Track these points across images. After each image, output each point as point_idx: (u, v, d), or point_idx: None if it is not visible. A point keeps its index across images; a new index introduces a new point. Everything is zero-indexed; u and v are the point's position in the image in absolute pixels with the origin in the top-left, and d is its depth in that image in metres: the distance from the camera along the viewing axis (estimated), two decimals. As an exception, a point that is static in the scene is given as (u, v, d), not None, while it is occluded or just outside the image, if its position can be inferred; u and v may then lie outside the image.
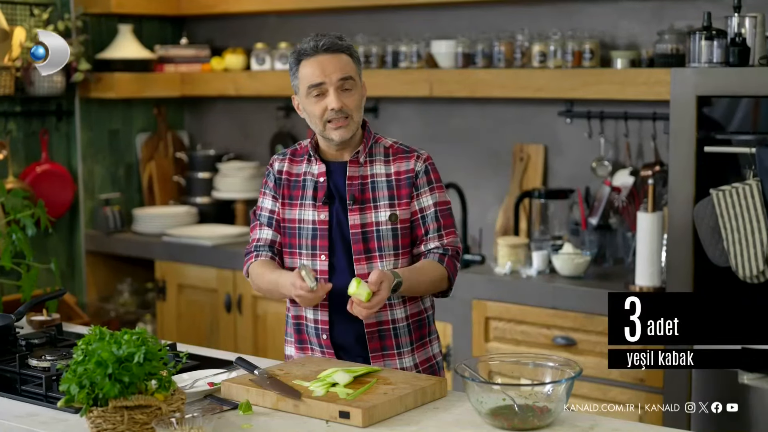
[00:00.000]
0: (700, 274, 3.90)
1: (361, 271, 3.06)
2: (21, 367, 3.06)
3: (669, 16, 4.59)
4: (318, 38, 3.04)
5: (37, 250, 4.96)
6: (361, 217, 3.08)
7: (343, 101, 3.02)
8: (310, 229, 3.11)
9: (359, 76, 3.09)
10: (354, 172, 3.10)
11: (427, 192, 3.10)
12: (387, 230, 3.07)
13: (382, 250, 3.07)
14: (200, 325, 5.48)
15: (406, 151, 3.14)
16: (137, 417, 2.46)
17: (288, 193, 3.17)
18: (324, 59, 3.02)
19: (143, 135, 6.11)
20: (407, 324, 3.12)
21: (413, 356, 3.14)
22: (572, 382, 2.60)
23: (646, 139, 4.73)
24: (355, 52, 3.10)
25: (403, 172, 3.10)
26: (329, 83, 3.01)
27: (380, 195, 3.09)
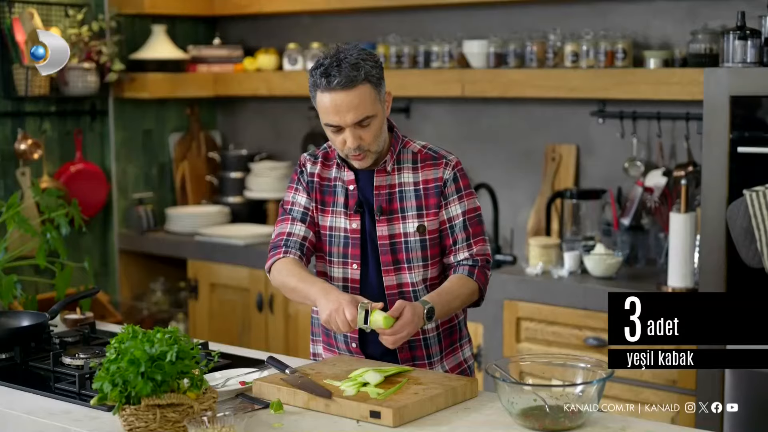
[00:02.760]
0: (733, 275, 3.88)
1: (390, 282, 3.02)
2: (55, 365, 3.08)
3: (702, 16, 4.56)
4: (333, 70, 2.86)
5: (71, 248, 5.00)
6: (389, 228, 3.02)
7: (360, 136, 2.91)
8: (342, 237, 3.06)
9: (380, 99, 2.94)
10: (381, 181, 3.03)
11: (455, 200, 3.02)
12: (415, 241, 3.01)
13: (411, 261, 3.02)
14: (232, 324, 5.49)
15: (434, 157, 3.05)
16: (169, 415, 2.47)
17: (321, 198, 3.10)
18: (338, 98, 2.87)
19: (176, 135, 6.13)
20: (437, 333, 3.09)
21: (443, 363, 3.11)
22: (604, 384, 2.59)
23: (679, 139, 4.70)
24: (374, 73, 2.91)
25: (431, 181, 3.02)
26: (344, 124, 2.90)
27: (408, 205, 3.02)
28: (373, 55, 2.96)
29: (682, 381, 4.06)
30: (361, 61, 2.88)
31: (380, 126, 2.96)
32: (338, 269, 3.08)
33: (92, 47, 5.51)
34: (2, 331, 3.29)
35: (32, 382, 3.00)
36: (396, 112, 5.51)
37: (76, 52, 5.45)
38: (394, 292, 3.02)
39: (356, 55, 2.89)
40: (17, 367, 3.17)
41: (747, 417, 3.87)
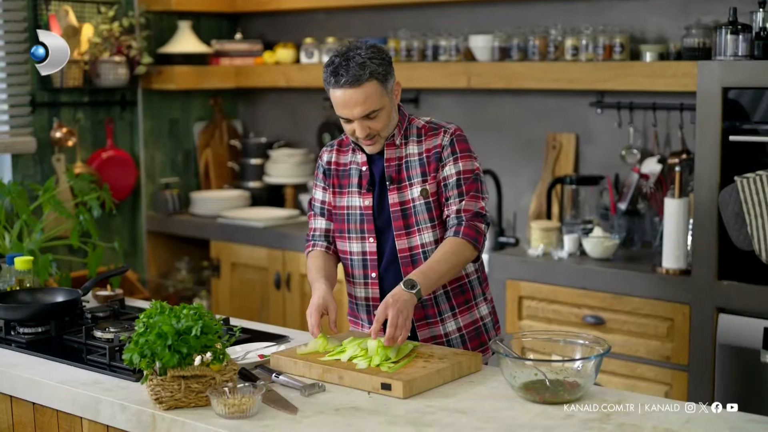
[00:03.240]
0: (724, 257, 3.86)
1: (402, 246, 3.05)
2: (87, 338, 3.09)
3: (696, 11, 4.54)
4: (341, 69, 2.92)
5: (102, 230, 5.00)
6: (399, 195, 3.06)
7: (368, 126, 2.98)
8: (358, 215, 3.11)
9: (386, 92, 2.98)
10: (391, 154, 3.08)
11: (450, 162, 3.04)
12: (421, 205, 3.05)
13: (419, 224, 3.05)
14: (252, 301, 5.49)
15: (435, 128, 3.10)
16: (193, 386, 2.48)
17: (338, 182, 3.17)
18: (347, 94, 2.93)
19: (200, 124, 6.12)
20: (446, 291, 3.09)
21: (456, 320, 3.11)
22: (601, 359, 2.58)
23: (673, 128, 4.67)
24: (380, 71, 2.94)
25: (432, 149, 3.06)
26: (353, 117, 2.96)
27: (414, 173, 3.06)
28: (381, 52, 2.99)
29: (675, 357, 4.05)
30: (367, 60, 2.93)
31: (388, 116, 3.02)
32: (357, 244, 3.12)
33: (123, 42, 5.51)
34: (39, 307, 3.30)
35: (66, 354, 3.00)
36: (406, 102, 5.49)
37: (107, 47, 5.44)
38: (406, 255, 3.06)
39: (364, 54, 2.94)
40: (52, 340, 3.19)
41: (737, 391, 3.86)
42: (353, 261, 3.14)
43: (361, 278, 3.14)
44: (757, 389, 3.81)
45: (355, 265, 3.14)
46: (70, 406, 2.72)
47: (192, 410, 2.48)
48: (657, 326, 4.09)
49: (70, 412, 2.72)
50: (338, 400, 2.57)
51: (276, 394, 2.58)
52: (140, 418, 2.53)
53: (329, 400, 2.58)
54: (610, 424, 2.37)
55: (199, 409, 2.49)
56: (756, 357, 3.77)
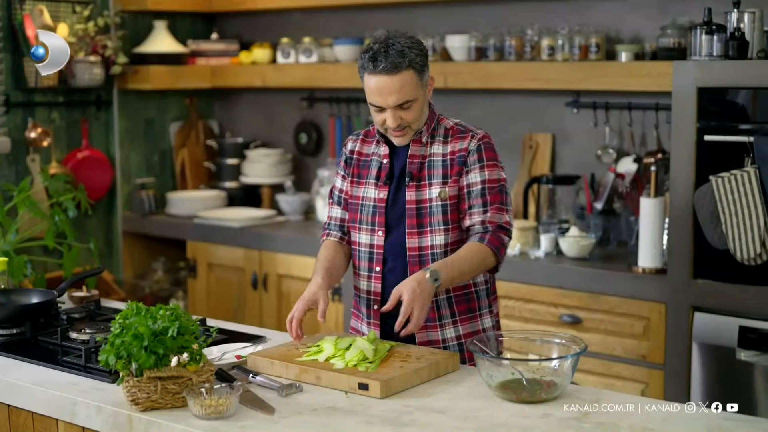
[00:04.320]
0: (700, 256, 3.88)
1: (412, 244, 3.02)
2: (62, 339, 3.06)
3: (671, 12, 4.56)
4: (380, 55, 2.90)
5: (77, 230, 4.97)
6: (417, 193, 3.03)
7: (401, 117, 2.95)
8: (371, 206, 3.08)
9: (422, 84, 2.96)
10: (416, 151, 3.05)
11: (476, 169, 3.01)
12: (437, 206, 3.01)
13: (432, 225, 3.01)
14: (228, 301, 5.47)
15: (462, 131, 3.06)
16: (170, 387, 2.47)
17: (357, 172, 3.15)
18: (383, 81, 2.90)
19: (176, 124, 6.10)
20: (448, 297, 3.04)
21: (456, 327, 3.05)
22: (578, 358, 2.58)
23: (648, 128, 4.69)
24: (418, 60, 2.93)
25: (457, 151, 3.03)
26: (386, 106, 2.94)
27: (435, 173, 3.03)
28: (420, 44, 2.98)
29: (652, 356, 4.06)
30: (407, 49, 2.91)
31: (421, 108, 2.99)
32: (365, 236, 3.09)
33: (98, 42, 5.48)
34: (14, 308, 3.28)
35: (41, 356, 2.98)
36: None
37: (82, 47, 5.42)
38: (415, 254, 3.02)
39: (404, 42, 2.92)
40: (27, 341, 3.16)
41: (713, 389, 3.88)
42: (361, 253, 3.11)
43: (365, 271, 3.10)
44: (732, 387, 3.83)
45: (362, 257, 3.11)
46: (45, 408, 2.70)
47: (169, 411, 2.47)
48: (633, 325, 4.10)
49: (46, 414, 2.71)
50: (315, 400, 2.56)
51: (253, 395, 2.58)
52: (116, 419, 2.52)
53: (306, 400, 2.57)
54: (588, 423, 2.38)
55: (176, 411, 2.48)
56: (731, 355, 3.78)
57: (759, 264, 3.70)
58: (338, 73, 5.45)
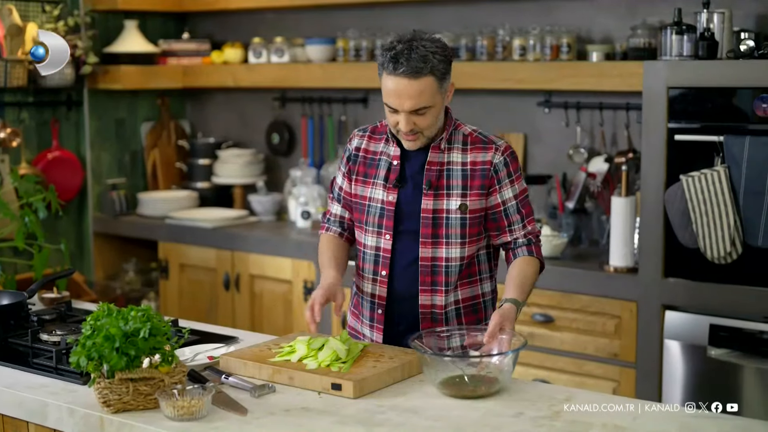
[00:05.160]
0: (671, 255, 3.90)
1: (425, 254, 2.95)
2: (33, 341, 3.04)
3: (642, 12, 4.58)
4: (402, 58, 2.79)
5: (48, 231, 4.95)
6: (434, 202, 2.94)
7: (414, 122, 2.87)
8: (378, 208, 3.00)
9: (441, 91, 2.86)
10: (434, 157, 2.96)
11: (507, 185, 2.96)
12: (456, 219, 2.93)
13: (449, 237, 2.94)
14: (200, 302, 5.46)
15: (484, 141, 2.98)
16: (141, 389, 2.46)
17: (363, 170, 3.05)
18: (401, 84, 2.80)
19: (147, 124, 6.08)
20: (457, 308, 3.00)
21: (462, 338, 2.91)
22: (518, 353, 2.62)
23: (619, 128, 4.71)
24: (440, 67, 2.82)
25: (479, 163, 2.95)
26: (401, 109, 2.84)
27: (454, 183, 2.95)
28: (445, 48, 2.88)
29: (623, 354, 4.08)
30: (430, 54, 2.81)
31: (437, 115, 2.90)
32: (372, 238, 3.02)
33: (68, 41, 5.42)
34: (-18, 310, 3.25)
35: (12, 358, 2.96)
36: (354, 102, 5.49)
37: (51, 46, 5.38)
38: (427, 264, 2.96)
39: (428, 47, 2.82)
40: (-3, 343, 3.14)
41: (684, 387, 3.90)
42: (366, 255, 3.04)
43: (370, 273, 3.03)
44: (704, 385, 3.85)
45: (367, 259, 3.04)
46: (16, 411, 2.68)
47: (141, 413, 2.46)
48: (605, 323, 4.12)
49: (17, 416, 2.69)
50: (288, 400, 2.56)
51: (226, 396, 2.57)
52: (88, 421, 2.50)
53: (279, 400, 2.57)
54: (560, 422, 2.39)
55: (148, 412, 2.47)
56: (702, 353, 3.81)
57: (729, 262, 3.73)
58: (310, 73, 5.44)
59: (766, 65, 3.69)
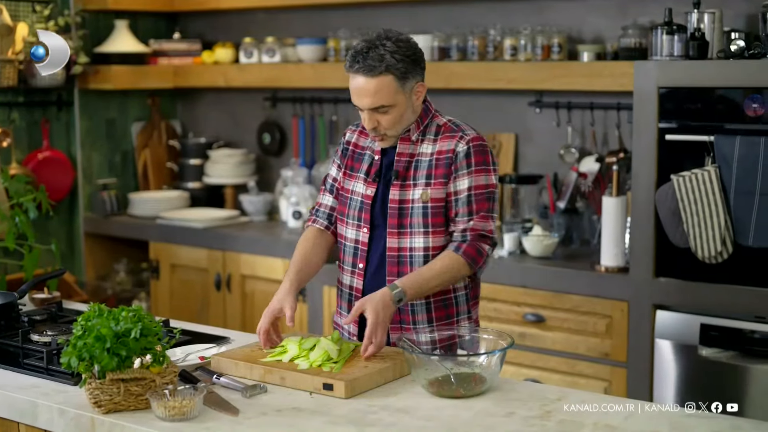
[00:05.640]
0: (662, 254, 3.91)
1: (392, 245, 2.98)
2: (23, 341, 3.03)
3: (632, 12, 4.59)
4: (359, 56, 2.85)
5: (38, 232, 4.93)
6: (400, 193, 2.97)
7: (377, 120, 2.91)
8: (359, 202, 3.03)
9: (403, 90, 2.88)
10: (404, 149, 2.98)
11: (464, 175, 2.93)
12: (419, 208, 2.95)
13: (413, 227, 2.96)
14: (192, 302, 5.45)
15: (453, 130, 2.99)
16: (133, 389, 2.45)
17: (351, 164, 3.10)
18: (360, 83, 2.86)
19: (138, 124, 6.07)
20: (426, 303, 2.98)
21: (432, 334, 2.91)
22: (505, 353, 2.61)
23: (610, 127, 4.72)
24: (399, 66, 2.85)
25: (444, 152, 2.96)
26: (361, 107, 2.90)
27: (420, 174, 2.97)
28: (410, 49, 2.89)
29: (614, 354, 4.09)
30: (388, 54, 2.84)
31: (399, 115, 2.92)
32: (352, 231, 3.05)
33: (58, 41, 5.43)
34: (-27, 310, 3.24)
35: (2, 358, 2.95)
36: (345, 102, 5.49)
37: (42, 46, 5.37)
38: (394, 255, 2.98)
39: (389, 46, 2.85)
40: (-13, 344, 3.13)
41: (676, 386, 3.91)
42: (346, 247, 3.07)
43: (349, 266, 3.06)
44: (694, 384, 3.86)
45: (347, 251, 3.07)
46: (6, 411, 2.68)
47: (132, 413, 2.46)
48: (596, 323, 4.13)
49: (7, 417, 2.68)
50: (280, 401, 2.56)
51: (217, 396, 2.57)
52: (79, 422, 2.50)
53: (271, 401, 2.56)
54: (551, 421, 2.39)
55: (139, 413, 2.46)
56: (693, 352, 3.82)
57: (720, 262, 3.74)
58: (301, 73, 5.44)
59: (756, 65, 3.70)
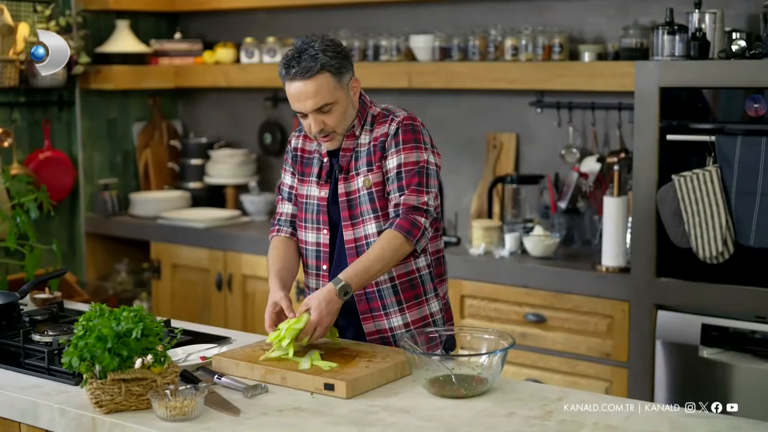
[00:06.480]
0: (663, 255, 3.91)
1: (349, 237, 3.01)
2: (25, 341, 3.04)
3: (633, 12, 4.59)
4: (293, 62, 2.89)
5: (39, 232, 4.94)
6: (346, 185, 3.01)
7: (323, 121, 2.93)
8: (315, 205, 3.06)
9: (341, 86, 2.93)
10: (348, 144, 3.01)
11: (393, 154, 2.97)
12: (364, 195, 2.99)
13: (363, 214, 3.00)
14: (193, 302, 5.45)
15: (385, 116, 3.02)
16: (134, 389, 2.45)
17: (301, 170, 3.13)
18: (298, 87, 2.89)
19: (139, 124, 6.07)
20: (393, 285, 3.01)
21: (404, 315, 3.00)
22: (506, 353, 2.61)
23: (612, 127, 4.72)
24: (333, 63, 2.90)
25: (378, 137, 3.00)
26: (305, 111, 2.92)
27: (361, 163, 3.00)
28: (338, 46, 2.95)
29: (615, 354, 4.09)
30: (320, 53, 2.89)
31: (343, 111, 2.96)
32: (311, 234, 3.08)
33: (59, 41, 5.44)
34: (-26, 311, 3.24)
35: (3, 358, 2.95)
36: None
37: (43, 46, 5.37)
38: (352, 246, 3.01)
39: (318, 47, 2.90)
40: (-12, 344, 3.13)
41: (676, 387, 3.91)
42: (308, 251, 3.11)
43: (313, 269, 3.11)
44: (695, 385, 3.86)
45: (309, 255, 3.11)
46: (8, 411, 2.68)
47: (133, 413, 2.46)
48: (597, 323, 4.13)
49: (9, 417, 2.68)
50: (281, 401, 2.56)
51: (218, 396, 2.57)
52: (80, 422, 2.50)
53: (272, 401, 2.56)
54: (552, 421, 2.39)
55: (140, 413, 2.46)
56: (694, 353, 3.82)
57: (721, 262, 3.74)
58: (302, 73, 5.43)
59: (757, 65, 3.70)
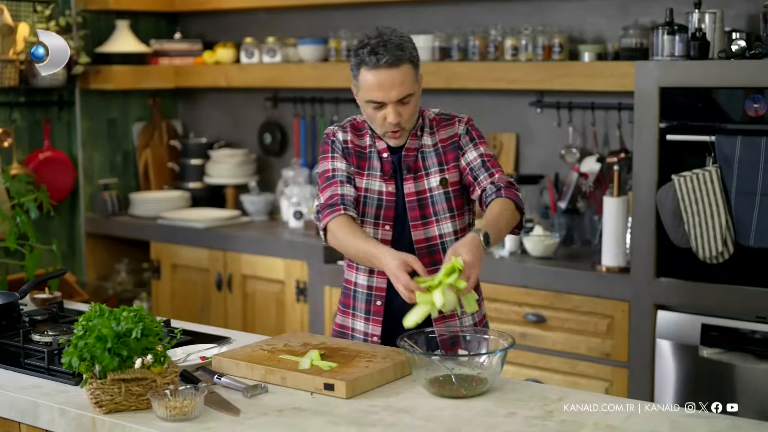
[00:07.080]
0: (663, 255, 3.91)
1: (418, 236, 2.99)
2: (25, 341, 3.03)
3: (633, 12, 4.59)
4: (380, 49, 2.86)
5: (39, 232, 4.93)
6: (415, 185, 3.01)
7: (400, 113, 2.91)
8: (376, 200, 3.02)
9: (417, 78, 2.94)
10: (411, 144, 3.01)
11: (471, 147, 3.02)
12: (440, 194, 3.00)
13: (437, 214, 3.00)
14: (193, 302, 5.45)
15: (447, 119, 3.07)
16: (134, 389, 2.45)
17: (356, 163, 3.06)
18: (385, 76, 2.86)
19: (139, 124, 6.07)
20: None
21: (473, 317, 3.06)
22: (506, 353, 2.61)
23: (611, 127, 4.72)
24: (415, 54, 2.93)
25: (447, 138, 3.03)
26: (388, 101, 2.90)
27: (430, 163, 3.01)
28: (411, 39, 2.97)
29: (616, 354, 4.09)
30: (404, 42, 2.90)
31: (417, 104, 2.98)
32: (369, 229, 3.02)
33: (59, 41, 5.43)
34: (-26, 311, 3.24)
35: (3, 358, 2.95)
36: (346, 103, 5.49)
37: (43, 46, 5.37)
38: (422, 246, 3.00)
39: (399, 37, 2.91)
40: (-12, 344, 3.13)
41: (676, 387, 3.91)
42: None
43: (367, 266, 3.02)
44: (695, 385, 3.86)
45: None
46: (7, 411, 2.68)
47: (133, 413, 2.46)
48: (597, 323, 4.13)
49: (8, 417, 2.68)
50: (281, 401, 2.56)
51: (218, 396, 2.57)
52: (80, 422, 2.50)
53: (272, 401, 2.56)
54: (552, 422, 2.39)
55: (140, 413, 2.46)
56: (694, 353, 3.82)
57: (721, 262, 3.74)
58: (302, 73, 5.44)
59: (757, 65, 3.70)
